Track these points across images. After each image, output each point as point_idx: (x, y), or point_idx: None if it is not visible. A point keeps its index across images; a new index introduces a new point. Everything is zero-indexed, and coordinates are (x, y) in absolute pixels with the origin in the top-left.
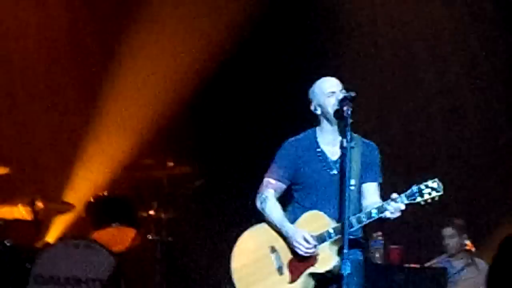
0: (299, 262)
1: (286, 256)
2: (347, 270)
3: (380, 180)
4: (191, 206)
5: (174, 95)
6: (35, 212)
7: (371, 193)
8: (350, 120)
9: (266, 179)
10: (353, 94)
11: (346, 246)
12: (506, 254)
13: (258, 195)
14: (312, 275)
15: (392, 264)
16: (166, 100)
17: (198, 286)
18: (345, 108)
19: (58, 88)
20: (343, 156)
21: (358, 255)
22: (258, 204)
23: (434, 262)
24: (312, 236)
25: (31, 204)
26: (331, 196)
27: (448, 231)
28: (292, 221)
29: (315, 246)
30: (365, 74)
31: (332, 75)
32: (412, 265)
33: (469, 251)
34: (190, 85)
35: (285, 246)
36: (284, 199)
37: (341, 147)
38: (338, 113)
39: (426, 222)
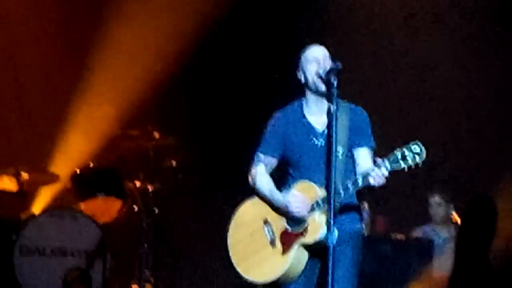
0: (291, 234)
1: (278, 228)
2: (333, 241)
3: (372, 145)
4: (177, 177)
5: (161, 66)
6: (20, 183)
7: (363, 158)
8: (336, 91)
9: (256, 153)
10: (339, 65)
11: (331, 216)
12: (474, 213)
13: (249, 170)
14: (304, 246)
15: (378, 234)
16: (153, 71)
17: (184, 256)
18: (331, 79)
19: (43, 59)
20: (329, 125)
21: (354, 224)
22: (249, 179)
23: (421, 231)
24: (301, 196)
25: (16, 175)
26: (319, 166)
27: (435, 199)
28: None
29: (309, 207)
30: (351, 44)
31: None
32: (398, 236)
33: (455, 223)
34: (177, 56)
35: (277, 218)
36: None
37: (328, 114)
38: (325, 84)
39: (412, 192)
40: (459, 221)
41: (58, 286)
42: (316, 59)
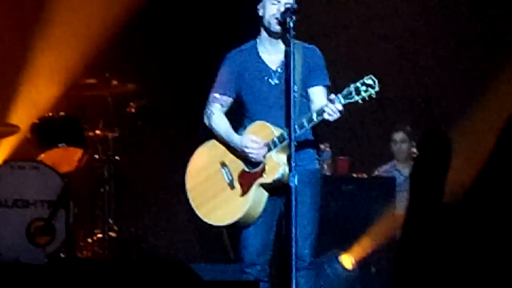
0: (248, 174)
1: (236, 169)
2: (293, 182)
3: (326, 83)
4: (137, 124)
5: (116, 13)
6: None
7: (318, 96)
8: (293, 32)
9: (211, 95)
10: (295, 6)
11: (293, 156)
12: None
13: (204, 111)
14: (263, 186)
15: (340, 175)
16: (108, 18)
17: (147, 203)
18: (288, 20)
19: None
20: (284, 65)
21: (312, 163)
22: (205, 120)
23: (383, 170)
24: (258, 139)
25: None
26: (273, 105)
27: (399, 135)
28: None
29: (266, 150)
30: None
31: None
32: (360, 175)
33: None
34: (131, 2)
35: (235, 159)
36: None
37: (285, 55)
38: (281, 25)
39: (373, 131)
40: None
41: (21, 237)
42: (279, 0)
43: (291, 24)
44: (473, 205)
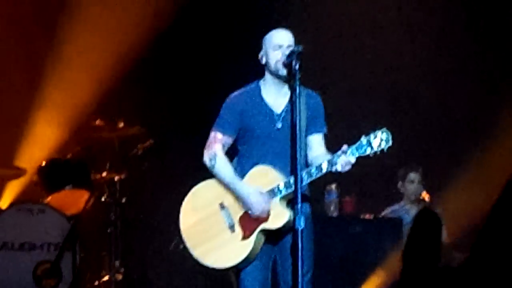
0: (251, 218)
1: (237, 212)
2: (301, 225)
3: (325, 131)
4: (143, 166)
5: (122, 57)
6: None
7: (317, 144)
8: (298, 75)
9: (213, 134)
10: (300, 48)
11: (299, 201)
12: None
13: (206, 151)
14: (264, 231)
15: (347, 215)
16: (113, 62)
17: (153, 245)
18: (293, 63)
19: (2, 54)
20: (288, 110)
21: (307, 208)
22: (206, 160)
23: (391, 211)
24: (263, 193)
25: None
26: (277, 150)
27: (416, 176)
28: (240, 174)
29: (269, 204)
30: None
31: (283, 26)
32: (367, 216)
33: (424, 201)
34: (138, 46)
35: (235, 203)
36: (230, 152)
37: (290, 100)
38: (287, 68)
39: (380, 172)
40: (427, 198)
41: (28, 280)
42: (279, 44)
43: (297, 67)
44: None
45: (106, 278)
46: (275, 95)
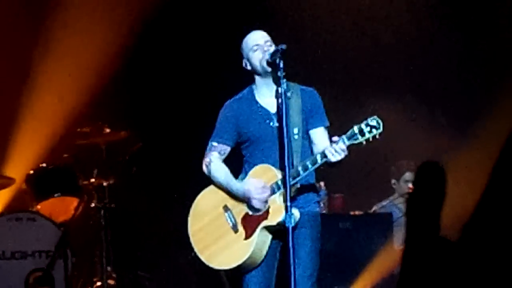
0: (252, 217)
1: (239, 213)
2: (290, 223)
3: (327, 124)
4: (131, 170)
5: (106, 62)
6: None
7: (319, 138)
8: (283, 73)
9: (210, 143)
10: (283, 46)
11: (288, 199)
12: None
13: (203, 160)
14: (267, 228)
15: (336, 212)
16: (100, 66)
17: (143, 250)
18: (277, 61)
19: None
20: (279, 107)
21: (313, 206)
22: (204, 168)
23: (380, 206)
24: (260, 182)
25: None
26: (276, 148)
27: (409, 176)
28: (245, 178)
29: (268, 193)
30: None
31: (263, 28)
32: (357, 212)
33: None
34: (121, 50)
35: (237, 204)
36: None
37: (276, 96)
38: (271, 66)
39: (368, 169)
40: None
41: None
42: (256, 44)
43: (281, 65)
44: (472, 236)
45: (98, 284)
46: (268, 96)
